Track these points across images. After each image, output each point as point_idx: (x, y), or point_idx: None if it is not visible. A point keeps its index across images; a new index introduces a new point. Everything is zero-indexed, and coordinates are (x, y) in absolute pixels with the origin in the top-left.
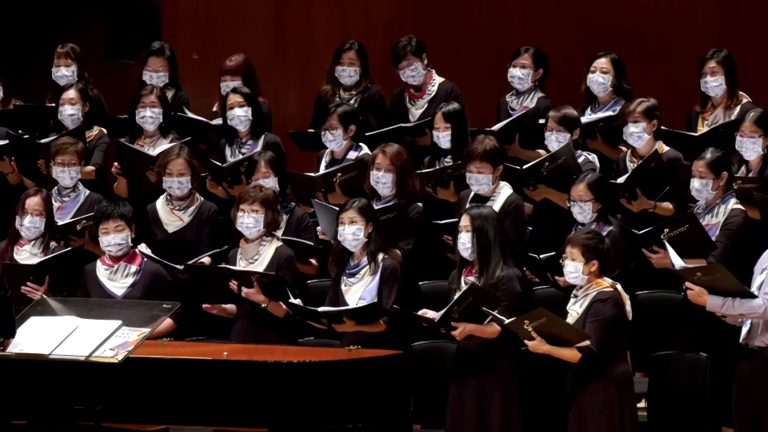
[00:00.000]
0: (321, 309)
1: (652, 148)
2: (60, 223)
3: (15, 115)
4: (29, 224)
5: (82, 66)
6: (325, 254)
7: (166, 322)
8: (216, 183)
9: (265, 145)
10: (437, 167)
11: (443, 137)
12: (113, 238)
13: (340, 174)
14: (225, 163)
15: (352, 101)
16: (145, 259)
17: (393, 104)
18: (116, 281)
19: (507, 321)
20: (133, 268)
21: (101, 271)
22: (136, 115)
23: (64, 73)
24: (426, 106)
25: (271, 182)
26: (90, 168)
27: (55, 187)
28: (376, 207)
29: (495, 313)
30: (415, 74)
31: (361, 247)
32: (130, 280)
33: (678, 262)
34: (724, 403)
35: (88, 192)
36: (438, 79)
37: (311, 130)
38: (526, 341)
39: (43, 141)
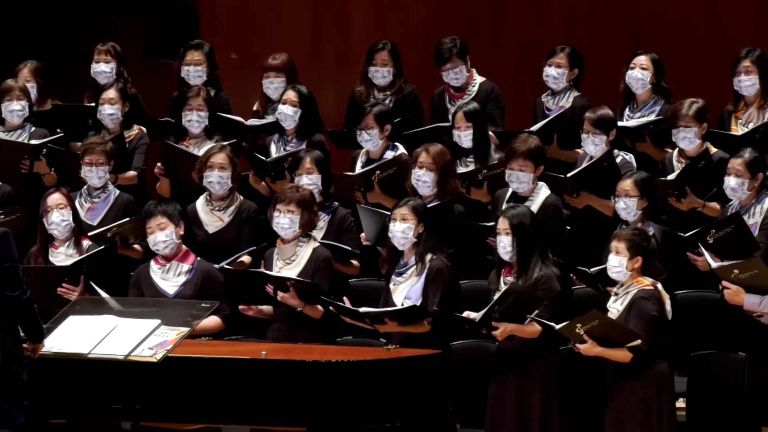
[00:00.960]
0: (362, 309)
1: (701, 149)
2: (90, 234)
3: (53, 115)
4: (58, 219)
5: (121, 64)
6: (367, 255)
7: (215, 321)
8: (259, 178)
9: (310, 143)
10: (471, 168)
11: (465, 136)
12: (157, 236)
13: (378, 172)
14: (269, 158)
15: (386, 101)
16: (198, 258)
17: (433, 104)
18: (169, 280)
19: (558, 326)
20: (186, 266)
21: (154, 270)
22: (182, 118)
23: (103, 68)
24: None
25: (314, 179)
26: (132, 173)
27: (84, 187)
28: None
29: (537, 317)
30: (459, 76)
31: (411, 246)
32: (183, 279)
33: (713, 261)
34: (763, 402)
35: (118, 192)
36: (479, 79)
37: (344, 130)
38: (577, 345)
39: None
